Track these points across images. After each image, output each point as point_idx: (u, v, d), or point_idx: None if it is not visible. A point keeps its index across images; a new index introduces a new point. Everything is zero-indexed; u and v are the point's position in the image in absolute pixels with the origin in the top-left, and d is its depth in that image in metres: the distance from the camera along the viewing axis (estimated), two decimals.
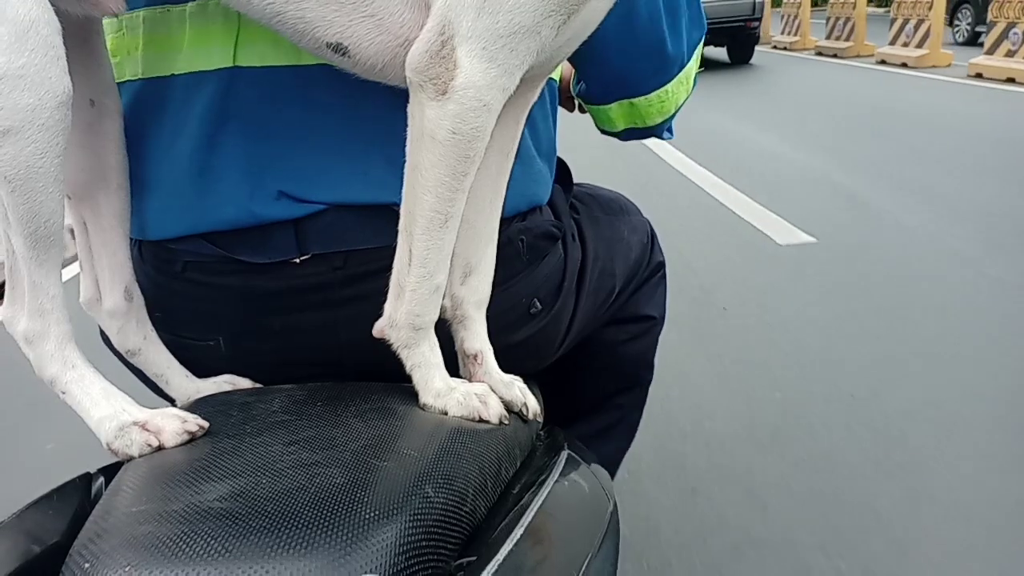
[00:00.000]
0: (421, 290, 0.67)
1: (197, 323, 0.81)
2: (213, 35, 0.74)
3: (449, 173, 0.64)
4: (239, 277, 0.77)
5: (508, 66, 0.62)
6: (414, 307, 0.68)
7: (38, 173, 0.60)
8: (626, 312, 1.07)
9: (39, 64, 0.58)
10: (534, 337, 0.88)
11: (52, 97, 0.59)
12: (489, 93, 0.62)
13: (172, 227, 0.78)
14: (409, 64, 0.63)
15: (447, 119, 0.62)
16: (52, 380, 0.67)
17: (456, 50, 0.61)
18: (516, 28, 0.61)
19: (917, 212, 3.69)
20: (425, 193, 0.64)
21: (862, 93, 7.80)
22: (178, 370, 0.81)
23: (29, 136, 0.59)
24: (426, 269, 0.67)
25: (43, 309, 0.65)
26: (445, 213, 0.65)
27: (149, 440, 0.64)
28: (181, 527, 0.51)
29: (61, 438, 2.08)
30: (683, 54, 0.90)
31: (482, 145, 0.64)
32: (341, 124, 0.75)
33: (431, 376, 0.71)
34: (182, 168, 0.76)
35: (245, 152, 0.75)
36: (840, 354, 2.37)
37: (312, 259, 0.77)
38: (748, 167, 4.88)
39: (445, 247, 0.67)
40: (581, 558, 0.63)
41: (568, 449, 0.77)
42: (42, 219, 0.62)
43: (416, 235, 0.66)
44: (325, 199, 0.75)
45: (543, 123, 0.89)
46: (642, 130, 0.97)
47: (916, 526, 1.60)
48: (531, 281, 0.86)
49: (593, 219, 1.00)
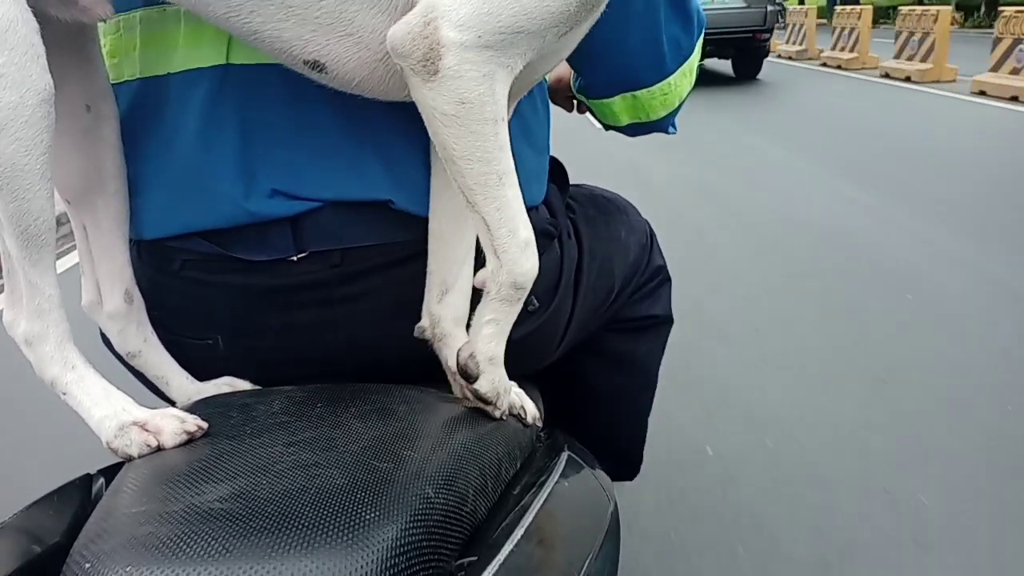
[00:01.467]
0: (512, 248, 0.66)
1: (195, 322, 0.81)
2: (206, 32, 0.74)
3: (475, 137, 0.63)
4: (237, 275, 0.78)
5: (506, 53, 0.61)
6: (512, 265, 0.67)
7: (24, 170, 0.61)
8: (627, 314, 1.07)
9: (19, 62, 0.59)
10: (533, 335, 0.88)
11: (34, 94, 0.60)
12: (487, 66, 0.61)
13: (168, 226, 0.78)
14: (394, 51, 0.62)
15: (447, 94, 0.61)
16: (53, 381, 0.67)
17: (440, 30, 0.59)
18: (518, 29, 0.60)
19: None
20: (465, 164, 0.63)
21: (887, 119, 6.95)
22: (178, 372, 0.81)
23: (13, 133, 0.59)
24: (507, 228, 0.66)
25: (40, 310, 0.66)
26: (496, 172, 0.64)
27: (148, 440, 0.64)
28: (181, 528, 0.51)
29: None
30: (688, 46, 0.90)
31: (498, 107, 0.63)
32: (333, 121, 0.75)
33: (501, 340, 0.70)
34: (179, 166, 0.76)
35: (238, 150, 0.75)
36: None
37: (309, 257, 0.77)
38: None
39: (513, 201, 0.66)
40: (581, 559, 0.63)
41: (568, 451, 0.77)
42: (31, 217, 0.62)
43: (479, 203, 0.65)
44: (319, 196, 0.75)
45: (535, 121, 0.89)
46: (647, 124, 0.97)
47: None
48: None
49: (589, 218, 1.00)
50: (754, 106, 8.18)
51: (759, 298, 2.96)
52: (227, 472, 0.58)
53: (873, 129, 6.36)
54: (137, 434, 0.64)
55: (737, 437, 1.99)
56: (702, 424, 2.06)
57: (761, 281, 3.13)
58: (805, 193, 4.47)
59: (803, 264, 3.30)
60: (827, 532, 1.61)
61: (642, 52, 0.88)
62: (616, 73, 0.90)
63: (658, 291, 1.12)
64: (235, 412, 0.70)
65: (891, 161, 5.13)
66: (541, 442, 0.79)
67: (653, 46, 0.87)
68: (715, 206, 4.32)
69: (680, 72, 0.91)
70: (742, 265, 3.34)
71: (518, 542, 0.59)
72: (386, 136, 0.75)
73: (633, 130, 0.99)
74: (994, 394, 2.12)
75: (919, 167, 4.89)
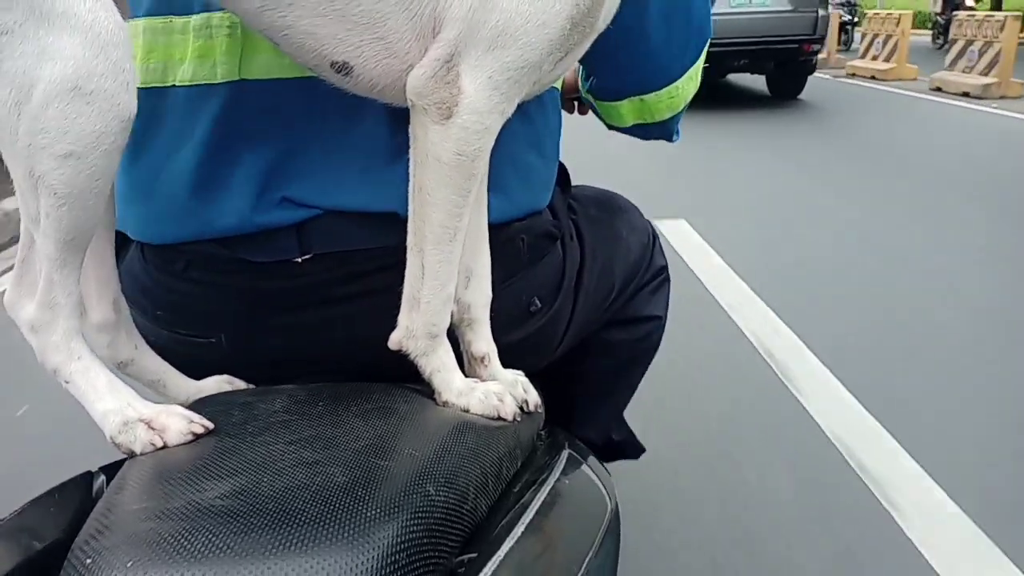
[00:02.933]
0: (435, 301, 0.70)
1: (199, 321, 0.82)
2: (217, 48, 0.75)
3: (455, 191, 0.67)
4: (241, 276, 0.78)
5: (510, 94, 0.66)
6: (429, 317, 0.71)
7: (90, 193, 0.60)
8: (627, 313, 1.07)
9: (110, 89, 0.57)
10: (534, 335, 0.88)
11: (118, 122, 0.59)
12: (490, 118, 0.65)
13: (176, 234, 0.78)
14: (412, 89, 0.65)
15: (451, 141, 0.65)
16: (56, 369, 0.66)
17: (461, 76, 0.63)
18: (523, 63, 0.64)
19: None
20: (433, 211, 0.67)
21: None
22: (173, 373, 0.80)
23: (91, 162, 0.59)
24: (438, 281, 0.70)
25: (55, 303, 0.65)
26: (453, 228, 0.68)
27: (153, 439, 0.64)
28: (182, 524, 0.51)
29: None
30: (696, 50, 0.92)
31: (484, 164, 0.68)
32: (343, 134, 0.76)
33: (451, 379, 0.73)
34: (185, 178, 0.76)
35: (251, 164, 0.76)
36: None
37: (313, 259, 0.77)
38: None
39: (454, 259, 0.70)
40: (582, 556, 0.63)
41: (569, 448, 0.78)
42: (80, 231, 0.62)
43: (427, 250, 0.69)
44: (326, 204, 0.76)
45: (546, 131, 0.90)
46: (650, 126, 0.98)
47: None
48: (531, 280, 0.87)
49: (591, 219, 1.01)
50: (823, 139, 6.26)
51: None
52: (228, 469, 0.58)
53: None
54: (143, 432, 0.64)
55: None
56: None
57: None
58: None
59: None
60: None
61: (656, 57, 0.89)
62: (630, 77, 0.91)
63: (658, 291, 1.12)
64: (237, 410, 0.70)
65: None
66: (542, 440, 0.80)
67: (666, 50, 0.89)
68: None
69: (686, 76, 0.92)
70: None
71: (518, 539, 0.59)
72: (398, 148, 0.76)
73: (637, 131, 1.00)
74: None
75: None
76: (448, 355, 0.73)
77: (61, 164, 0.58)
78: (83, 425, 0.68)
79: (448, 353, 0.74)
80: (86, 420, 0.67)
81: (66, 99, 0.56)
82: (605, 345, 1.08)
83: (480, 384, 0.74)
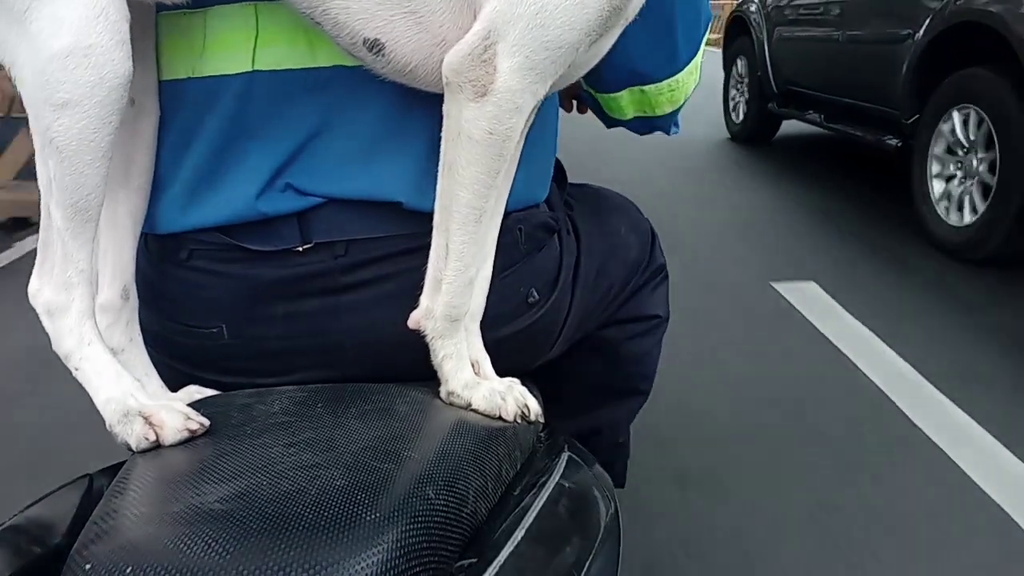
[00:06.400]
0: (457, 283, 0.71)
1: (201, 310, 0.82)
2: (232, 40, 0.75)
3: (484, 170, 0.68)
4: (243, 265, 0.79)
5: (544, 75, 0.66)
6: (451, 299, 0.72)
7: (89, 146, 0.64)
8: (626, 313, 1.07)
9: (105, 45, 0.63)
10: (531, 328, 0.89)
11: (113, 77, 0.63)
12: (523, 97, 0.66)
13: (181, 222, 0.79)
14: (449, 65, 0.66)
15: (484, 120, 0.66)
16: (67, 355, 0.68)
17: (498, 56, 0.64)
18: (561, 44, 0.65)
19: None
20: (461, 190, 0.68)
21: None
22: (155, 379, 0.80)
23: (86, 110, 0.63)
24: (462, 263, 0.71)
25: (69, 283, 0.67)
26: (480, 208, 0.69)
27: (148, 435, 0.64)
28: (181, 529, 0.51)
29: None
30: (697, 41, 0.91)
31: (514, 144, 0.68)
32: (350, 123, 0.77)
33: (461, 367, 0.74)
34: (195, 169, 0.77)
35: (261, 154, 0.76)
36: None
37: (315, 247, 0.78)
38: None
39: (479, 241, 0.71)
40: (582, 560, 0.63)
41: (569, 451, 0.77)
42: (85, 191, 0.65)
43: (452, 230, 0.70)
44: (329, 192, 0.77)
45: (545, 125, 0.90)
46: (651, 119, 0.98)
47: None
48: (529, 270, 0.88)
49: (588, 215, 1.01)
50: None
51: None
52: (227, 473, 0.58)
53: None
54: (140, 426, 0.64)
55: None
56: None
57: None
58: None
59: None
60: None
61: (658, 47, 0.89)
62: (630, 66, 0.91)
63: (658, 290, 1.12)
64: (235, 412, 0.70)
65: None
66: (541, 443, 0.79)
67: (669, 40, 0.88)
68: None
69: (687, 69, 0.92)
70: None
71: (518, 543, 0.59)
72: (408, 138, 0.77)
73: (637, 125, 0.99)
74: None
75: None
76: (463, 344, 0.74)
77: (60, 113, 0.62)
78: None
79: (463, 342, 0.74)
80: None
81: (66, 52, 0.62)
82: (602, 343, 1.07)
83: (486, 381, 0.74)
